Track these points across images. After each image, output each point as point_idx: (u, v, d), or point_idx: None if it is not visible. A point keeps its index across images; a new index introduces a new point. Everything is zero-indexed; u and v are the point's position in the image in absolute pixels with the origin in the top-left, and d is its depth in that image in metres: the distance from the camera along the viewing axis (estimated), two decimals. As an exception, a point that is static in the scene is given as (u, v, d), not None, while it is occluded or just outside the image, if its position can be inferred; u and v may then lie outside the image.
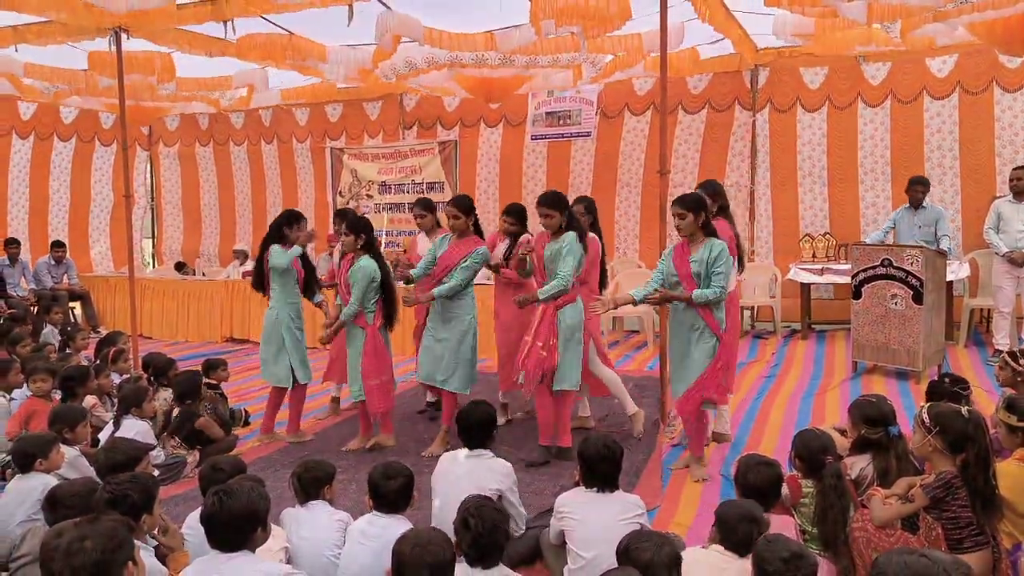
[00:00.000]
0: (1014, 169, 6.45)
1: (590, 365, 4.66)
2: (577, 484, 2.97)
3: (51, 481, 3.03)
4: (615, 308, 4.25)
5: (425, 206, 5.25)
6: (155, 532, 2.58)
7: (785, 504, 3.04)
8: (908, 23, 5.86)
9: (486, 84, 7.82)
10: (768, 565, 2.17)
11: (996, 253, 6.35)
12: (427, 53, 6.79)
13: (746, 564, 2.35)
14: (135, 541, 2.07)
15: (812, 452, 3.05)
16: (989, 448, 2.65)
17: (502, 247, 4.85)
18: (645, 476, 4.09)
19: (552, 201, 4.24)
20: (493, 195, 9.43)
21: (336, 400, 5.59)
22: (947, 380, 3.70)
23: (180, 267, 10.33)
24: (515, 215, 4.67)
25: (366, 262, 4.47)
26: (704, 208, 3.96)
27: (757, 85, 8.26)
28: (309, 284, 4.98)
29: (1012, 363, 3.85)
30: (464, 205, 4.60)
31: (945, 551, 2.53)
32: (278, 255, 4.79)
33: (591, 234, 4.65)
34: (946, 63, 7.55)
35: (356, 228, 4.52)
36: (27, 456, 3.23)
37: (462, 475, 3.13)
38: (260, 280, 4.91)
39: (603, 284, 4.97)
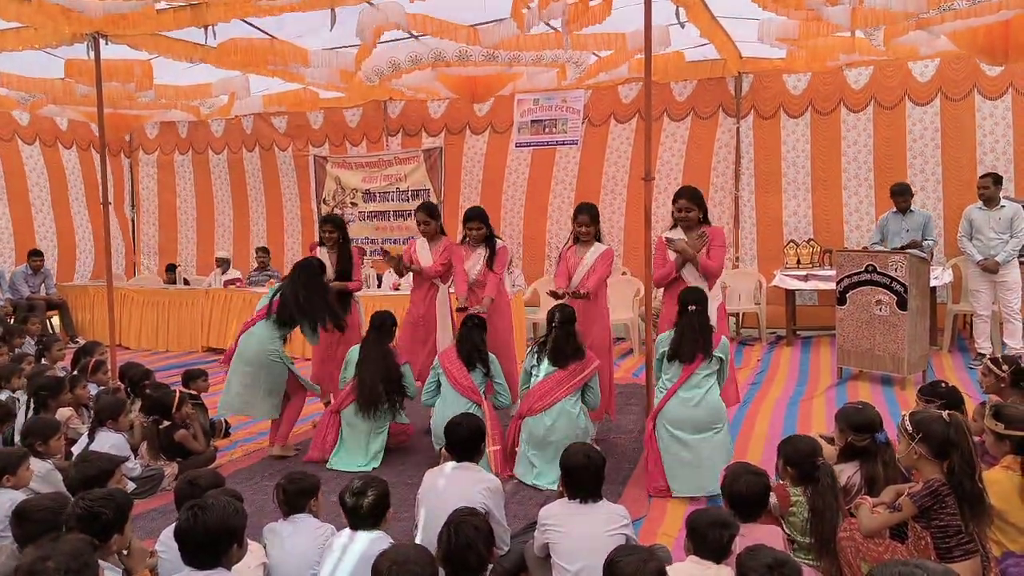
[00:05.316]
0: (981, 177, 6.50)
1: None
2: (561, 495, 2.92)
3: (19, 497, 2.91)
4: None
5: (429, 212, 5.18)
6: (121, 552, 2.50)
7: (773, 513, 3.00)
8: (891, 30, 5.87)
9: (471, 83, 7.76)
10: (753, 573, 2.13)
11: (971, 260, 6.44)
12: (410, 51, 6.69)
13: (723, 571, 2.31)
14: (100, 562, 2.00)
15: (803, 457, 3.00)
16: (973, 451, 2.63)
17: (476, 257, 4.87)
18: (630, 486, 4.04)
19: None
20: (475, 201, 9.38)
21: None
22: (944, 386, 3.66)
23: (171, 268, 10.18)
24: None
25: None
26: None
27: (741, 92, 8.28)
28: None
29: (995, 369, 3.86)
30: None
31: (934, 560, 2.51)
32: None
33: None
34: (928, 67, 7.60)
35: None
36: None
37: (448, 488, 3.07)
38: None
39: None
